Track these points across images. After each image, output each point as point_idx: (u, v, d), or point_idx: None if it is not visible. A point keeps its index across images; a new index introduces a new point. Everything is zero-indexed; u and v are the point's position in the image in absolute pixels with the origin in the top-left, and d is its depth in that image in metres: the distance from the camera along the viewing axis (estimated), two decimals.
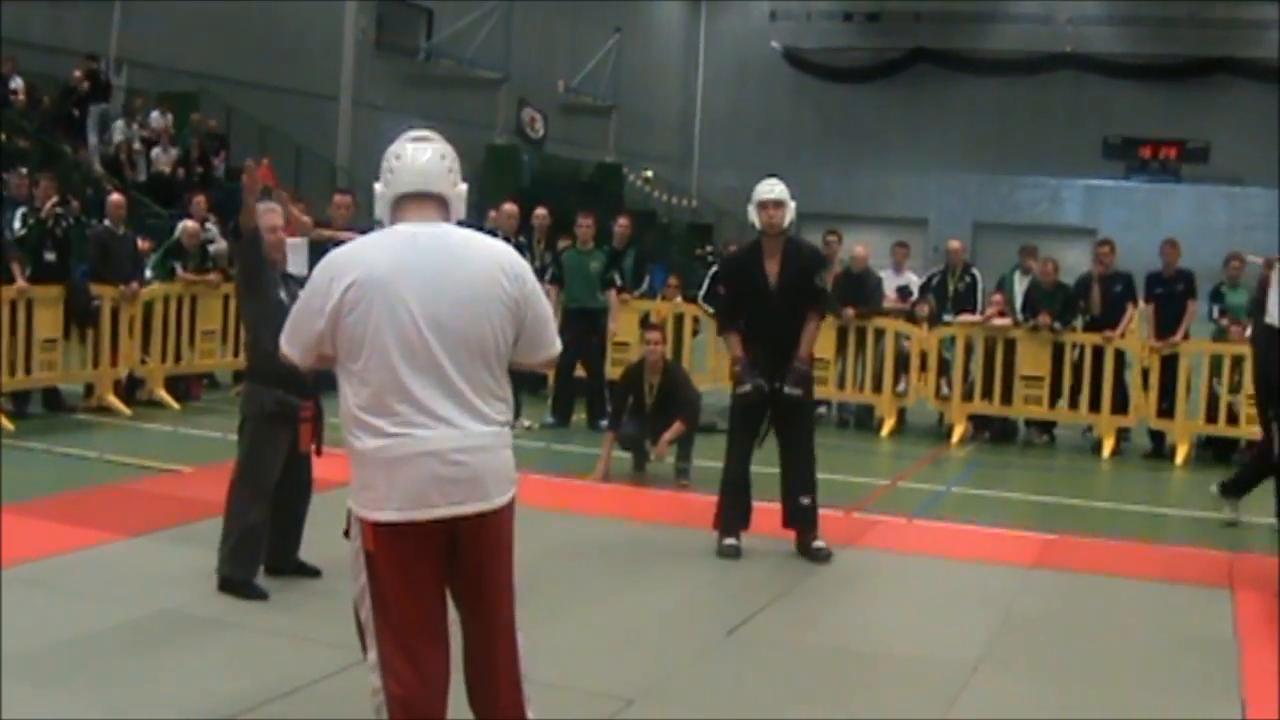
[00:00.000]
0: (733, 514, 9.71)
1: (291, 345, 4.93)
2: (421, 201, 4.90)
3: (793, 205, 9.68)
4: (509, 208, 16.33)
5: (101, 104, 26.09)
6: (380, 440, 4.68)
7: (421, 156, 4.94)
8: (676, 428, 12.34)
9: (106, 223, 15.66)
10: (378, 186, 5.00)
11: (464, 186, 5.02)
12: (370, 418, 4.70)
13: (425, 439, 4.66)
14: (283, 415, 7.83)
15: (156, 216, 22.77)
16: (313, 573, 8.22)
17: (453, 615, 4.93)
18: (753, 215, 9.69)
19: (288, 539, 8.21)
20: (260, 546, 7.98)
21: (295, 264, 13.30)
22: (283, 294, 7.99)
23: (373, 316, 4.67)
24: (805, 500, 9.71)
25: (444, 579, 4.88)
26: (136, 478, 11.58)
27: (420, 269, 4.72)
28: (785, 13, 51.13)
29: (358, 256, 4.79)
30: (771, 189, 9.65)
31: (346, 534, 4.97)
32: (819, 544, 9.65)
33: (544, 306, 5.04)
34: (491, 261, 4.86)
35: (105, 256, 15.24)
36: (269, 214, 8.12)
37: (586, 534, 9.96)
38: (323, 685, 6.42)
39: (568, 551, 9.16)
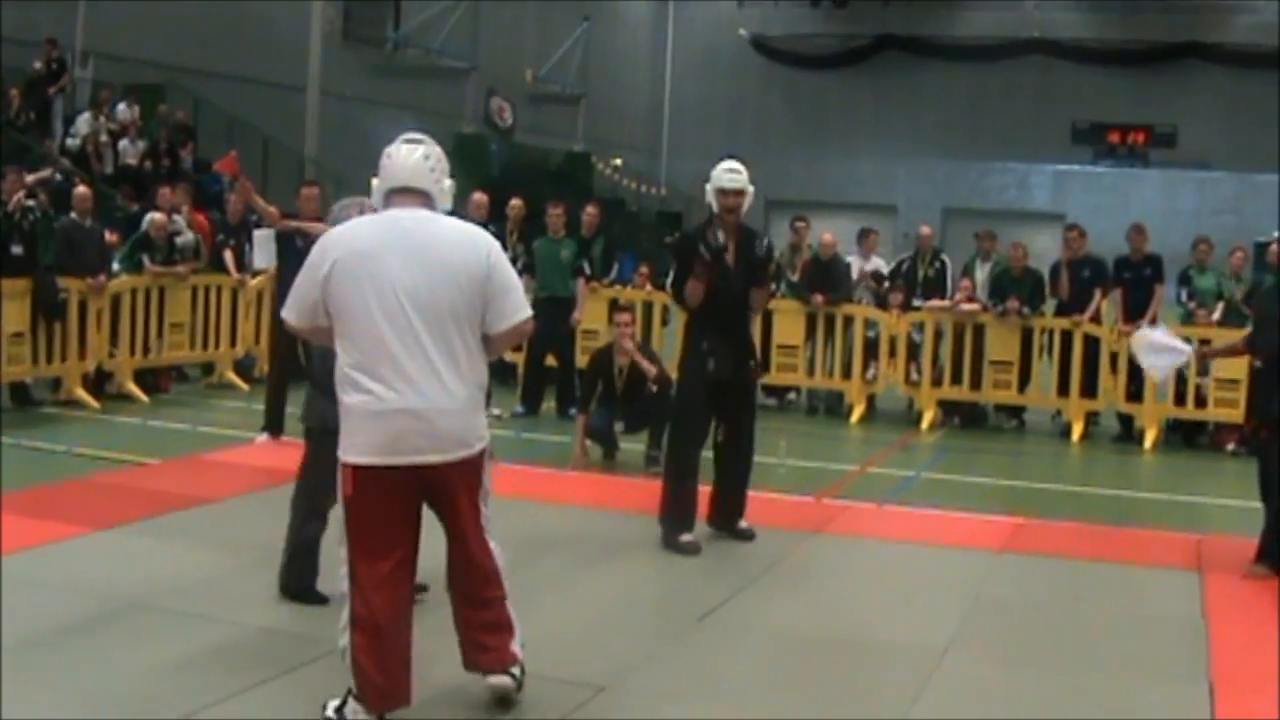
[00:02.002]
0: (686, 506, 9.53)
1: (291, 312, 5.81)
2: (407, 195, 5.79)
3: (751, 190, 9.61)
4: (478, 197, 16.32)
5: (60, 95, 25.95)
6: (364, 396, 5.54)
7: (409, 157, 5.85)
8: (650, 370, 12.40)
9: (73, 215, 15.59)
10: (374, 180, 5.87)
11: (449, 183, 5.95)
12: (359, 375, 5.55)
13: (403, 397, 5.51)
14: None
15: (124, 209, 22.66)
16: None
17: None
18: (710, 197, 9.54)
19: None
20: (314, 562, 7.68)
21: (263, 256, 13.31)
22: None
23: (359, 286, 5.53)
24: (745, 488, 9.83)
25: (415, 516, 5.77)
26: (105, 471, 11.54)
27: (400, 246, 5.59)
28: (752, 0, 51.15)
29: (348, 235, 5.73)
30: (734, 179, 9.46)
31: None
32: (745, 524, 9.73)
33: (509, 276, 5.83)
34: (462, 238, 5.75)
35: (72, 249, 15.16)
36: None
37: (556, 523, 9.95)
38: (291, 678, 6.42)
39: (537, 540, 9.12)
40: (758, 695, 6.63)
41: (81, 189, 16.16)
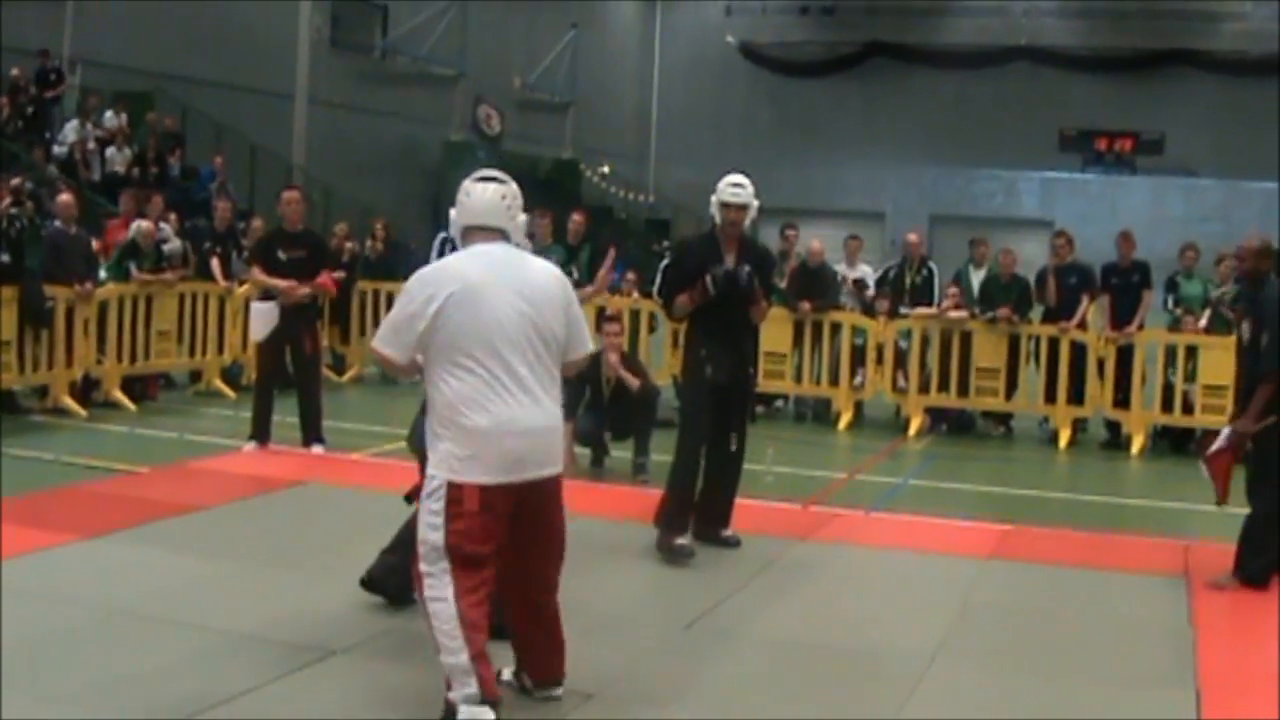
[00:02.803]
0: (684, 510, 9.54)
1: (391, 348, 5.95)
2: (484, 231, 6.09)
3: (755, 205, 9.60)
4: None
5: (56, 103, 25.98)
6: (489, 419, 5.80)
7: (484, 194, 6.11)
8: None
9: (59, 223, 15.56)
10: (452, 212, 6.17)
11: (523, 218, 6.20)
12: (478, 398, 5.80)
13: (523, 417, 5.88)
14: None
15: (111, 216, 22.62)
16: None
17: None
18: (714, 210, 9.55)
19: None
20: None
21: (260, 328, 13.07)
22: None
23: (480, 314, 5.81)
24: (733, 496, 9.82)
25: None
26: (93, 479, 11.51)
27: (505, 277, 5.93)
28: (740, 8, 51.21)
29: (456, 269, 5.96)
30: (737, 193, 9.45)
31: (408, 499, 6.16)
32: (730, 533, 9.71)
33: (580, 309, 6.27)
34: (548, 271, 6.15)
35: (58, 257, 15.11)
36: None
37: None
38: (276, 686, 6.40)
39: None
40: (745, 702, 6.62)
41: (66, 196, 16.13)
